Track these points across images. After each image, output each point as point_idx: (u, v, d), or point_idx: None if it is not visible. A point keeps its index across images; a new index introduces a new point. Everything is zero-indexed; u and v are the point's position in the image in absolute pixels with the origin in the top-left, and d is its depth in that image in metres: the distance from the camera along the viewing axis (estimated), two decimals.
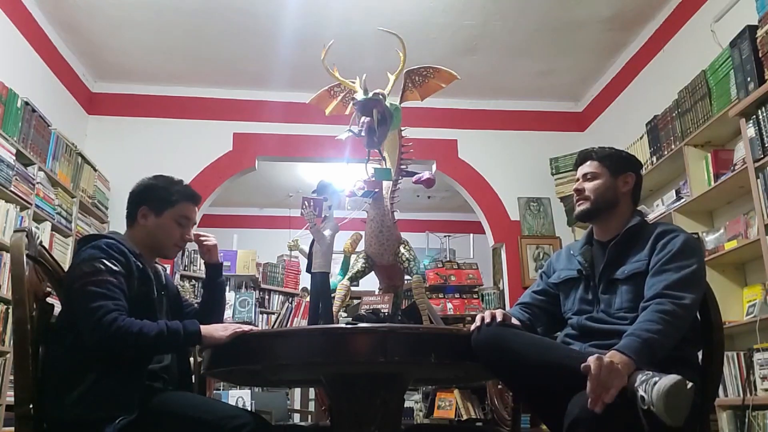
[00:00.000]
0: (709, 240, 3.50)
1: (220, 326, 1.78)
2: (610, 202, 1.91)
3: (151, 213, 1.92)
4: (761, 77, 2.95)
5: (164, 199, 1.93)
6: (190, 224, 1.98)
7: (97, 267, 1.70)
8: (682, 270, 1.69)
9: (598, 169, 1.94)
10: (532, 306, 2.00)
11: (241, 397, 4.60)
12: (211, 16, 4.31)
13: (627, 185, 1.94)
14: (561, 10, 4.30)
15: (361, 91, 1.88)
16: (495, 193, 5.34)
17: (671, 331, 1.59)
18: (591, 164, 1.96)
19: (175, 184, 1.98)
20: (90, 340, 1.64)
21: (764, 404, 2.85)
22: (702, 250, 1.79)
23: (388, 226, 1.96)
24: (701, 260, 1.77)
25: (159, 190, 1.95)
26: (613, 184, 1.92)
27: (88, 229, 4.47)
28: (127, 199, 1.97)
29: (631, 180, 1.95)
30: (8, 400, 3.24)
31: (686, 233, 1.82)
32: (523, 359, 1.61)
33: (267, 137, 5.27)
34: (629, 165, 1.98)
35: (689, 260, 1.71)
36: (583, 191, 1.94)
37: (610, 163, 1.94)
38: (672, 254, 1.73)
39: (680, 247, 1.74)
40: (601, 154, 1.97)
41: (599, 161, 1.95)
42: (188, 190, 2.00)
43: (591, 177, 1.94)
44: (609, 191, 1.92)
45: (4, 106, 3.51)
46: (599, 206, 1.91)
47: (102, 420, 1.59)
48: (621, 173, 1.94)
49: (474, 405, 4.06)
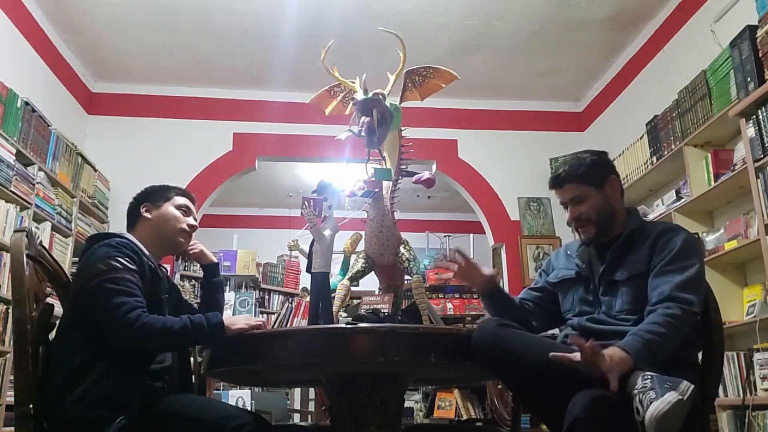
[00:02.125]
0: (709, 240, 3.50)
1: (242, 317, 1.82)
2: (609, 216, 1.86)
3: (153, 207, 1.97)
4: (761, 77, 2.95)
5: (162, 195, 2.01)
6: (191, 213, 2.03)
7: (114, 265, 1.70)
8: (686, 271, 1.68)
9: (583, 189, 1.87)
10: (528, 301, 2.01)
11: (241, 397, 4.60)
12: (211, 16, 4.31)
13: (615, 190, 1.90)
14: (561, 10, 4.30)
15: (361, 91, 1.88)
16: (495, 193, 5.34)
17: (675, 334, 1.59)
18: (573, 187, 1.88)
19: (170, 186, 2.08)
20: (114, 337, 1.65)
21: (764, 404, 2.85)
22: (702, 249, 1.78)
23: (388, 226, 1.96)
24: (702, 260, 1.76)
25: (157, 188, 2.04)
26: (604, 197, 1.87)
27: (88, 229, 4.47)
28: (128, 208, 2.01)
29: (615, 182, 1.91)
30: (8, 400, 3.25)
31: (686, 232, 1.80)
32: (523, 359, 1.61)
33: (267, 137, 5.27)
34: (607, 169, 1.93)
35: (691, 260, 1.71)
36: (581, 218, 1.87)
37: (591, 179, 1.87)
38: (674, 254, 1.71)
39: (681, 247, 1.73)
40: (576, 172, 1.87)
41: (580, 181, 1.87)
42: (181, 189, 2.10)
43: (579, 200, 1.87)
44: (605, 207, 1.86)
45: (4, 106, 3.51)
46: (604, 226, 1.86)
47: (103, 420, 1.59)
48: (605, 182, 1.88)
49: (474, 405, 4.06)
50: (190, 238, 2.03)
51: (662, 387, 1.42)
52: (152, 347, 1.73)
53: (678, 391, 1.40)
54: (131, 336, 1.63)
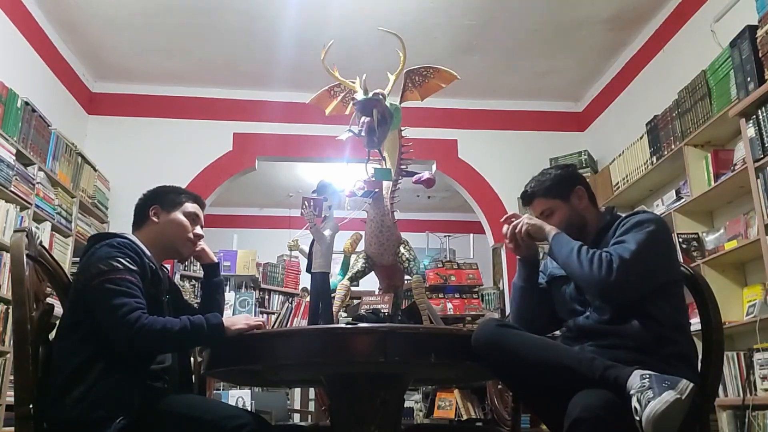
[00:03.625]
0: (709, 240, 3.50)
1: (241, 317, 1.81)
2: (579, 224, 1.91)
3: (163, 211, 1.96)
4: (761, 77, 2.95)
5: (174, 200, 1.99)
6: (199, 222, 2.02)
7: (115, 265, 1.70)
8: (628, 241, 1.70)
9: (550, 203, 1.93)
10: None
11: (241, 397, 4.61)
12: (211, 16, 4.32)
13: (582, 200, 1.94)
14: (561, 10, 4.30)
15: (361, 91, 1.88)
16: (495, 193, 5.34)
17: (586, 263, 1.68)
18: (540, 202, 1.95)
19: (183, 190, 2.08)
20: (114, 338, 1.65)
21: (764, 404, 2.85)
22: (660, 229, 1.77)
23: (388, 226, 1.96)
24: (654, 236, 1.72)
25: (169, 191, 2.03)
26: (571, 208, 1.92)
27: (88, 229, 4.47)
28: (136, 205, 2.00)
29: (582, 192, 1.95)
30: (8, 400, 3.25)
31: (649, 214, 1.84)
32: (523, 359, 1.61)
33: (267, 137, 5.27)
34: (572, 180, 1.97)
35: (639, 233, 1.72)
36: None
37: (556, 192, 1.93)
38: (628, 227, 1.76)
39: (634, 222, 1.76)
40: (543, 187, 1.95)
41: (546, 196, 1.94)
42: (194, 194, 2.09)
43: (549, 213, 1.93)
44: (573, 217, 1.91)
45: (4, 106, 3.51)
46: (574, 234, 1.88)
47: (102, 420, 1.59)
48: (571, 194, 1.93)
49: (474, 405, 4.06)
50: (195, 247, 2.02)
51: (660, 386, 1.41)
52: (152, 348, 1.73)
53: (676, 390, 1.40)
54: (131, 337, 1.63)
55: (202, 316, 1.74)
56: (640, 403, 1.41)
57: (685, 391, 1.42)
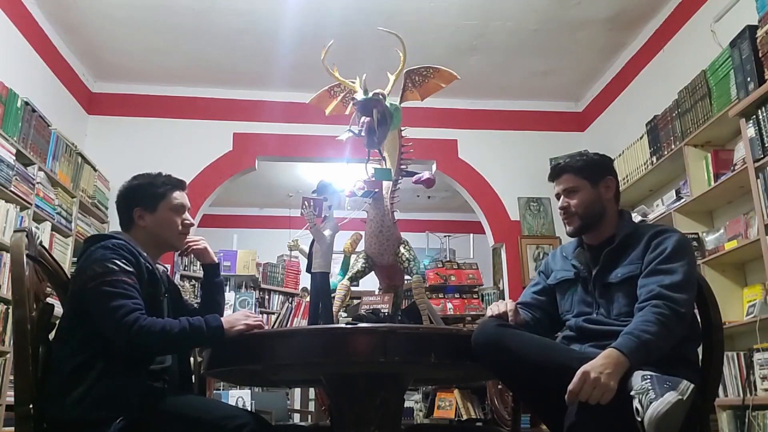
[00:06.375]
0: (709, 240, 3.50)
1: (240, 314, 1.79)
2: (598, 213, 1.89)
3: (146, 212, 1.91)
4: (761, 77, 2.95)
5: (154, 195, 1.93)
6: (185, 209, 1.98)
7: (111, 267, 1.69)
8: (675, 272, 1.68)
9: (578, 182, 1.90)
10: (534, 307, 1.99)
11: (241, 397, 4.61)
12: (211, 16, 4.32)
13: (609, 190, 1.92)
14: (561, 10, 4.30)
15: (361, 91, 1.88)
16: (495, 193, 5.34)
17: (668, 334, 1.58)
18: (568, 178, 1.92)
19: (158, 177, 1.98)
20: (113, 340, 1.65)
21: (764, 404, 2.85)
22: (692, 250, 1.78)
23: (388, 226, 1.96)
24: (693, 261, 1.76)
25: (146, 187, 1.95)
26: (596, 193, 1.89)
27: (88, 229, 4.47)
28: (117, 204, 1.96)
29: (612, 184, 1.93)
30: (8, 400, 3.24)
31: (679, 233, 1.81)
32: (523, 359, 1.61)
33: (267, 137, 5.27)
34: (605, 169, 1.95)
35: (682, 261, 1.70)
36: (568, 208, 1.90)
37: (588, 173, 1.90)
38: (666, 255, 1.72)
39: (673, 247, 1.73)
40: (576, 165, 1.92)
41: (576, 173, 1.91)
42: (172, 178, 2.00)
43: (572, 191, 1.91)
44: (595, 203, 1.89)
45: (4, 106, 3.51)
46: (589, 221, 1.88)
47: (102, 420, 1.59)
48: (600, 180, 1.91)
49: (474, 405, 4.06)
50: (187, 235, 2.01)
51: (662, 387, 1.41)
52: (151, 350, 1.72)
53: (678, 391, 1.40)
54: (129, 339, 1.63)
55: (202, 318, 1.74)
56: (641, 404, 1.41)
57: (686, 391, 1.42)
